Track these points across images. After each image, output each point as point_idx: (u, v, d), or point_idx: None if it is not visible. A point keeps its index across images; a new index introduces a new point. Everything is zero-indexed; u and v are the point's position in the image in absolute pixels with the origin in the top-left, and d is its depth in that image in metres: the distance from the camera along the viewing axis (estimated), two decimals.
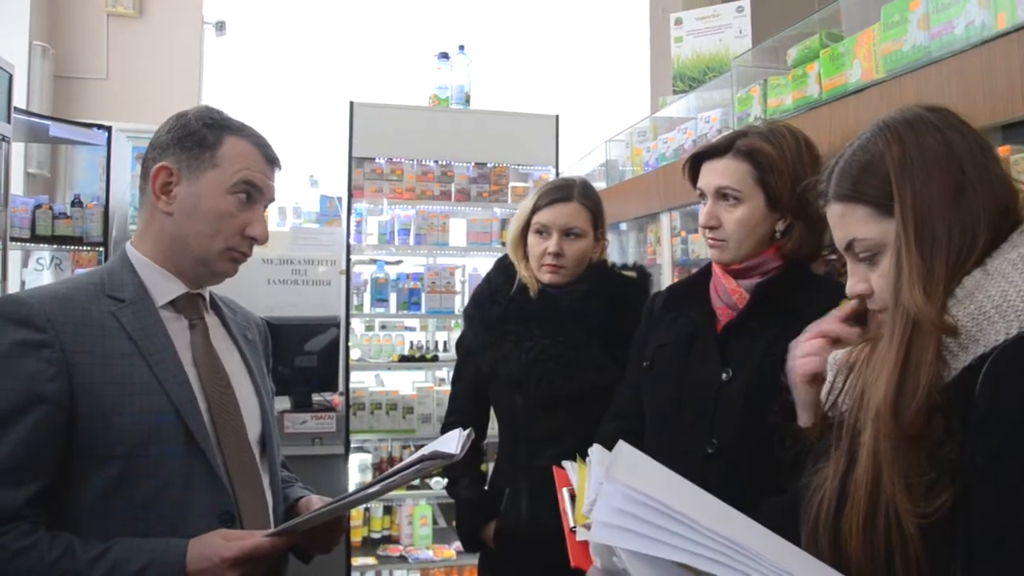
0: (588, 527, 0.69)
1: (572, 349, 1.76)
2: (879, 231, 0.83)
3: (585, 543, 0.75)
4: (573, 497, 0.92)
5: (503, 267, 1.92)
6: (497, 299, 1.85)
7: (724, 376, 1.33)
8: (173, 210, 1.18)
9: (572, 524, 0.84)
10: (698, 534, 0.65)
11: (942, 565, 0.72)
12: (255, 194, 1.21)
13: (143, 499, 1.08)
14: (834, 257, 1.80)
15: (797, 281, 1.36)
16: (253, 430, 1.24)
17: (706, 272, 1.48)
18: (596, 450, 0.85)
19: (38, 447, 1.03)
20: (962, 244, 0.78)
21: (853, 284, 0.87)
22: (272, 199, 1.27)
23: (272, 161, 1.26)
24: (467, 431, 1.17)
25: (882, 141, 0.83)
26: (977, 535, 0.69)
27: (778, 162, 1.33)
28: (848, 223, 0.86)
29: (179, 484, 1.10)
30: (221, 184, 1.18)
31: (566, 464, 1.04)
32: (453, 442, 1.12)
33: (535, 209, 1.81)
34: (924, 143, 0.81)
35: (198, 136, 1.18)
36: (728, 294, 1.39)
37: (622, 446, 0.75)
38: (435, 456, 1.09)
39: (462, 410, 1.96)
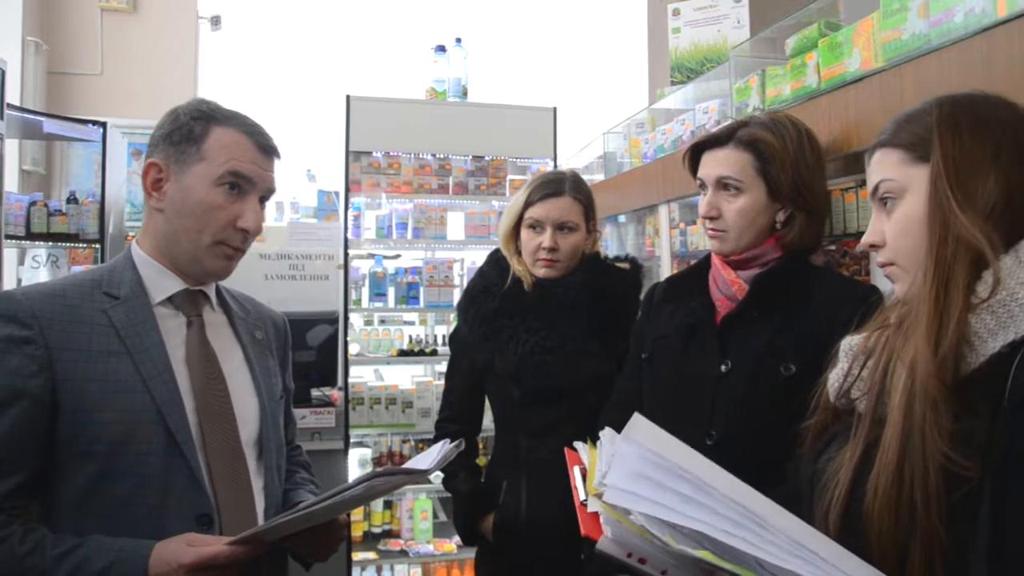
0: (600, 496, 0.70)
1: (568, 341, 1.76)
2: (905, 175, 0.84)
3: (596, 514, 0.75)
4: (584, 475, 0.92)
5: (496, 260, 1.91)
6: (491, 292, 1.84)
7: (723, 368, 1.32)
8: (164, 206, 1.17)
9: (583, 497, 0.84)
10: (713, 499, 0.66)
11: (963, 544, 0.71)
12: (244, 185, 1.18)
13: (122, 497, 1.07)
14: (833, 248, 1.80)
15: (797, 272, 1.35)
16: (247, 431, 1.21)
17: (705, 263, 1.47)
18: (607, 432, 0.85)
19: (18, 441, 1.03)
20: (987, 203, 0.79)
21: (867, 235, 0.89)
22: (270, 189, 1.22)
23: (267, 150, 1.21)
24: (455, 443, 1.17)
25: (935, 101, 0.86)
26: (1011, 525, 0.68)
27: (780, 152, 1.32)
28: (880, 167, 0.88)
29: (157, 484, 1.09)
30: (207, 177, 1.15)
31: (577, 445, 1.04)
32: (428, 457, 1.11)
33: (527, 204, 1.81)
34: (973, 109, 0.84)
35: (185, 130, 1.16)
36: (727, 285, 1.39)
37: (638, 418, 0.75)
38: (396, 472, 1.06)
39: (457, 404, 1.96)
